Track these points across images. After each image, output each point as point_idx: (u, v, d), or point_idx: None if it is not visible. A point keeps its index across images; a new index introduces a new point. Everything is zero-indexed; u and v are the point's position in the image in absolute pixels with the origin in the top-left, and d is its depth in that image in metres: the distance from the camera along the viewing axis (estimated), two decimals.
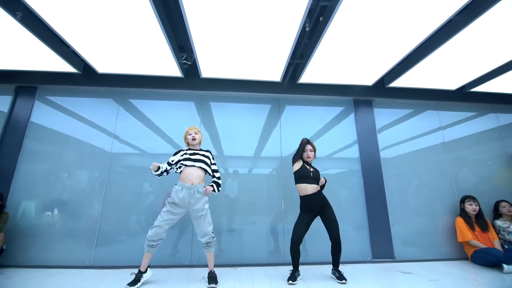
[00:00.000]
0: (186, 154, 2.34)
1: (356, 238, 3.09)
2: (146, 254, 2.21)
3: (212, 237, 2.23)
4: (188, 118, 3.33)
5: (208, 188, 2.27)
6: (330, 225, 2.32)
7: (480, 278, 2.37)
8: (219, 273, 2.46)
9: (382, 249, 3.05)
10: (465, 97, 3.71)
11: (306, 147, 2.55)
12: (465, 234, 2.93)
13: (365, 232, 3.13)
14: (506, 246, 2.91)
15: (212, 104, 3.44)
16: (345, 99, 3.63)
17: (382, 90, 3.55)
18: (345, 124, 3.57)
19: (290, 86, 3.47)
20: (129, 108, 3.32)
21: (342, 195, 3.28)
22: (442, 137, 3.62)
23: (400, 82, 3.26)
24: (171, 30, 2.50)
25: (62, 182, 2.98)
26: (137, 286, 2.12)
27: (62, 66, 2.88)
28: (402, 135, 3.58)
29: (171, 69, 2.94)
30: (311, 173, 2.44)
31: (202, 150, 2.46)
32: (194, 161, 2.30)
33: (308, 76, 3.12)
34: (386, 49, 2.59)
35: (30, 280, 2.29)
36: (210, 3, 1.99)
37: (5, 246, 2.62)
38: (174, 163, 2.34)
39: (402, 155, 3.51)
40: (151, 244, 2.18)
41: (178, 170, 2.33)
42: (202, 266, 2.71)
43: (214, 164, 2.46)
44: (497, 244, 2.88)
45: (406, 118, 3.69)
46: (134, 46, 2.55)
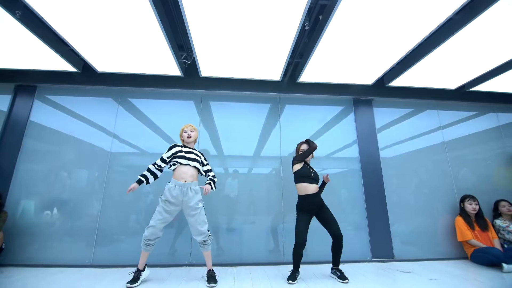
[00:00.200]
0: (182, 152, 2.34)
1: (355, 238, 3.09)
2: (143, 252, 2.22)
3: (208, 235, 2.23)
4: (187, 117, 3.33)
5: (206, 188, 2.27)
6: (330, 222, 2.32)
7: (479, 277, 2.37)
8: (219, 272, 2.46)
9: (381, 248, 3.05)
10: (465, 96, 3.70)
11: (303, 147, 2.54)
12: (464, 233, 2.93)
13: (364, 231, 3.12)
14: (505, 246, 2.90)
15: (211, 103, 3.44)
16: (344, 98, 3.63)
17: (381, 89, 3.55)
18: (344, 123, 3.56)
19: (290, 85, 3.47)
20: (128, 107, 3.32)
21: (341, 195, 3.28)
22: (442, 136, 3.62)
23: (399, 81, 3.25)
24: (171, 29, 2.50)
25: (61, 181, 2.97)
26: (136, 284, 2.12)
27: (62, 65, 2.88)
28: (402, 135, 3.58)
29: (171, 68, 2.94)
30: (312, 173, 2.45)
31: (196, 150, 2.47)
32: (189, 159, 2.31)
33: (307, 75, 3.11)
34: (386, 48, 2.58)
35: (30, 279, 2.29)
36: (210, 2, 1.98)
37: (4, 245, 2.62)
38: (168, 160, 2.33)
39: (402, 155, 3.50)
40: (148, 243, 2.19)
41: (171, 168, 2.32)
42: (201, 265, 2.70)
43: (207, 164, 2.47)
44: (496, 243, 2.88)
45: (406, 118, 3.68)
46: (133, 45, 2.54)
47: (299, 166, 2.47)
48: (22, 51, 2.65)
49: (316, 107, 3.58)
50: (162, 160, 2.34)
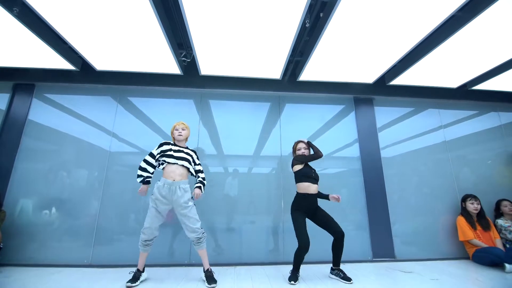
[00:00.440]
0: (171, 151, 2.31)
1: (356, 237, 3.07)
2: (142, 253, 2.21)
3: (201, 232, 2.20)
4: (187, 116, 3.30)
5: (196, 193, 2.26)
6: (330, 221, 2.30)
7: (481, 277, 2.35)
8: (218, 272, 2.44)
9: (382, 248, 3.03)
10: (466, 95, 3.68)
11: (300, 146, 2.51)
12: (466, 233, 2.90)
13: (365, 231, 3.10)
14: (507, 245, 2.88)
15: (211, 102, 3.41)
16: (345, 97, 3.61)
17: (383, 88, 3.52)
18: (345, 122, 3.54)
19: (290, 83, 3.44)
20: (127, 106, 3.30)
21: (342, 194, 3.24)
22: (443, 135, 3.59)
23: (401, 80, 3.23)
24: (170, 26, 2.48)
25: (60, 181, 2.95)
26: (136, 284, 2.11)
27: (60, 63, 2.86)
28: (403, 134, 3.56)
29: (170, 66, 2.92)
30: (313, 173, 2.43)
31: (188, 148, 2.43)
32: (177, 158, 2.28)
33: (308, 73, 3.09)
34: (387, 46, 2.56)
35: (28, 278, 2.27)
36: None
37: (2, 244, 2.59)
38: (157, 157, 2.31)
39: (403, 154, 3.48)
40: (146, 243, 2.19)
41: (160, 167, 2.31)
42: (200, 265, 2.64)
43: (199, 164, 2.43)
44: (498, 243, 2.86)
45: (407, 117, 3.66)
46: (132, 43, 2.52)
47: (300, 166, 2.44)
48: (20, 49, 2.63)
49: (316, 106, 3.56)
50: (151, 155, 2.32)
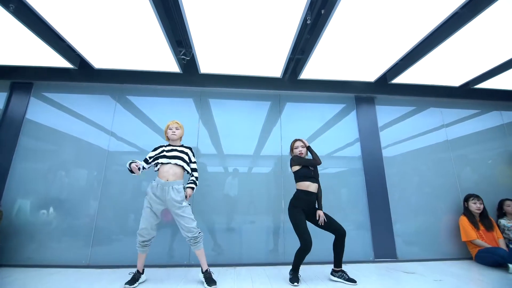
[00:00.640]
0: (163, 151, 2.29)
1: (358, 238, 3.03)
2: (140, 254, 2.19)
3: (198, 232, 2.16)
4: (186, 115, 3.27)
5: (188, 193, 2.22)
6: (330, 220, 2.27)
7: (485, 278, 2.32)
8: (218, 273, 2.41)
9: (384, 248, 3.00)
10: (468, 94, 3.65)
11: (297, 144, 2.48)
12: (469, 233, 2.87)
13: (367, 231, 3.07)
14: (511, 246, 2.84)
15: (211, 100, 3.38)
16: (346, 96, 3.57)
17: (384, 87, 3.49)
18: (346, 121, 3.51)
19: (291, 82, 3.41)
20: (126, 104, 3.26)
21: (343, 194, 3.23)
22: (445, 134, 3.56)
23: (403, 79, 3.19)
24: (169, 24, 2.45)
25: (58, 180, 2.92)
26: (134, 285, 2.08)
27: (58, 61, 2.82)
28: (405, 133, 3.52)
29: (169, 64, 2.88)
30: (312, 171, 2.40)
31: (183, 146, 2.40)
32: (170, 158, 2.25)
33: (309, 72, 3.06)
34: (389, 44, 2.53)
35: (26, 279, 2.25)
36: None
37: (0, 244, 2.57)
38: (151, 160, 2.28)
39: (405, 153, 3.45)
40: (145, 244, 2.16)
41: (155, 168, 2.28)
42: (200, 266, 2.64)
43: (194, 162, 2.38)
44: (502, 243, 2.82)
45: (409, 116, 3.63)
46: (131, 41, 2.49)
47: (298, 167, 2.41)
48: (17, 47, 2.59)
49: (317, 105, 3.53)
50: (145, 160, 2.29)
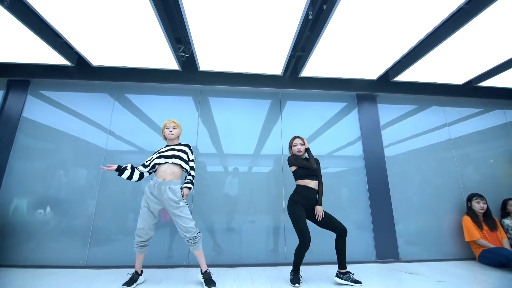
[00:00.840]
0: (160, 152, 2.26)
1: (359, 238, 2.99)
2: (139, 255, 2.15)
3: (196, 232, 2.12)
4: (185, 113, 3.23)
5: (185, 192, 2.19)
6: (330, 219, 2.23)
7: (489, 279, 2.29)
8: (218, 273, 2.38)
9: (386, 249, 2.95)
10: (471, 92, 3.61)
11: (296, 141, 2.43)
12: (472, 233, 2.83)
13: (369, 231, 3.03)
14: None
15: (210, 99, 3.34)
16: (348, 94, 3.53)
17: (386, 85, 3.45)
18: (348, 120, 3.46)
19: (292, 80, 3.36)
20: (124, 102, 3.22)
21: (345, 194, 3.19)
22: (448, 133, 3.52)
23: (405, 76, 3.15)
24: (168, 21, 2.40)
25: (55, 179, 2.88)
26: (133, 286, 2.05)
27: (55, 58, 2.77)
28: (407, 132, 3.48)
29: (168, 62, 2.84)
30: (311, 170, 2.36)
31: (181, 144, 2.36)
32: (167, 157, 2.21)
33: (310, 69, 3.01)
34: (391, 41, 2.49)
35: (22, 280, 2.21)
36: None
37: None
38: (149, 167, 2.24)
39: (407, 152, 3.40)
40: (143, 244, 2.13)
41: (152, 170, 2.26)
42: (199, 267, 2.61)
43: (192, 160, 2.33)
44: (506, 243, 2.79)
45: (411, 114, 3.58)
46: (129, 38, 2.45)
47: (295, 167, 2.38)
48: (14, 44, 2.55)
49: (318, 103, 3.49)
50: (144, 165, 2.27)
